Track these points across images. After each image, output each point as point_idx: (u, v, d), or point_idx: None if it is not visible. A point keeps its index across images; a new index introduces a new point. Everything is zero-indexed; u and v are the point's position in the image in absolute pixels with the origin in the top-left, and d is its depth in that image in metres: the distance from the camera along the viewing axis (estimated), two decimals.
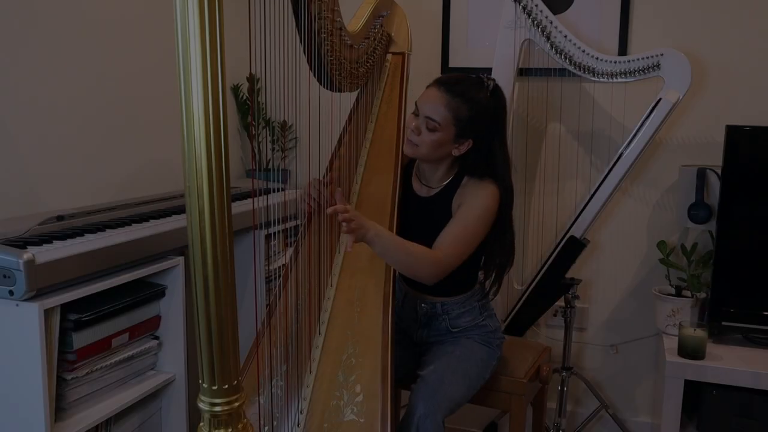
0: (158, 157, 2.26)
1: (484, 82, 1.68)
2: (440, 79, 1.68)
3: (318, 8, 1.54)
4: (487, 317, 1.81)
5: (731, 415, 2.02)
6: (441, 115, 1.63)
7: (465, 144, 1.67)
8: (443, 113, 1.62)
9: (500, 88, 1.70)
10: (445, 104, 1.62)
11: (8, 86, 1.73)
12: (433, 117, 1.63)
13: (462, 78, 1.68)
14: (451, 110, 1.62)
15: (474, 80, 1.68)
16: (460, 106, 1.62)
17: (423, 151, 1.68)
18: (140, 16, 2.15)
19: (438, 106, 1.63)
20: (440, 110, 1.63)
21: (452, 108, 1.62)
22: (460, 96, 1.63)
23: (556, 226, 2.48)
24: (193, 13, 0.88)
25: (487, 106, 1.65)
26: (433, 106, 1.64)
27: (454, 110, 1.62)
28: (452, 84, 1.65)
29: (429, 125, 1.64)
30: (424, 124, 1.65)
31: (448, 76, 1.70)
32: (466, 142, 1.67)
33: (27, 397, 1.42)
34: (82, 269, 1.50)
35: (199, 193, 0.93)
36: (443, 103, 1.63)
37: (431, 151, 1.68)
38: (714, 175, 2.17)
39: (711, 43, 2.28)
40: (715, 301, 2.13)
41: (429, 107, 1.64)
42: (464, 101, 1.63)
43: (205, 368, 1.01)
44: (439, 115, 1.63)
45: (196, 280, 0.97)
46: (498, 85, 1.70)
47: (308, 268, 1.70)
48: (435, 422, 1.53)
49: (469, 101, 1.63)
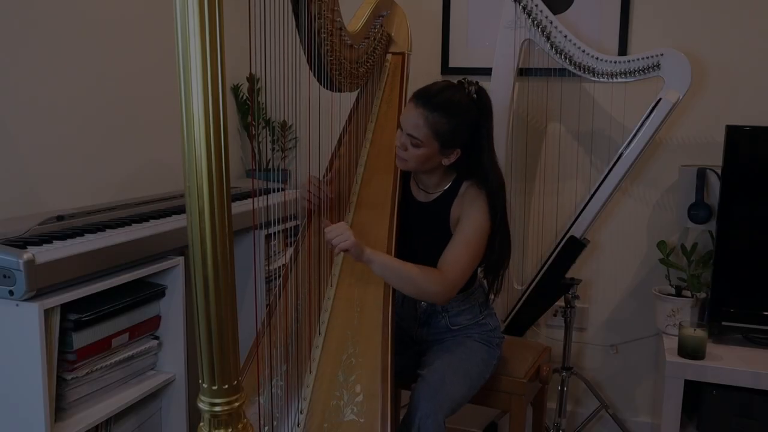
0: (158, 157, 2.26)
1: (464, 88, 1.64)
2: (418, 93, 1.64)
3: (318, 8, 1.54)
4: (487, 316, 1.82)
5: (731, 415, 2.02)
6: (421, 133, 1.61)
7: (453, 153, 1.66)
8: (423, 130, 1.60)
9: (484, 89, 1.67)
10: (424, 120, 1.60)
11: (8, 86, 1.73)
12: (414, 134, 1.61)
13: (441, 88, 1.64)
14: (430, 126, 1.60)
15: (454, 87, 1.65)
16: (439, 120, 1.59)
17: (412, 165, 1.68)
18: (140, 16, 2.15)
19: (417, 123, 1.60)
20: (420, 126, 1.60)
21: (431, 123, 1.60)
22: (439, 109, 1.59)
23: (556, 226, 2.48)
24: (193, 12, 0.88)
25: (469, 112, 1.63)
26: (412, 123, 1.61)
27: (433, 126, 1.60)
28: (430, 97, 1.61)
29: (412, 142, 1.63)
30: (407, 141, 1.64)
31: (426, 89, 1.65)
32: (454, 152, 1.66)
33: (27, 397, 1.42)
34: (82, 269, 1.50)
35: (199, 193, 0.93)
36: (422, 119, 1.60)
37: (420, 165, 1.67)
38: (714, 175, 2.17)
39: (711, 43, 2.28)
40: (715, 301, 2.13)
41: (409, 125, 1.62)
42: (443, 114, 1.59)
43: (205, 368, 1.01)
44: (420, 132, 1.61)
45: (196, 280, 0.97)
46: (482, 88, 1.66)
47: (308, 268, 1.70)
48: (436, 422, 1.53)
49: (449, 113, 1.60)
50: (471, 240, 1.63)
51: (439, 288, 1.60)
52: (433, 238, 1.70)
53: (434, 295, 1.63)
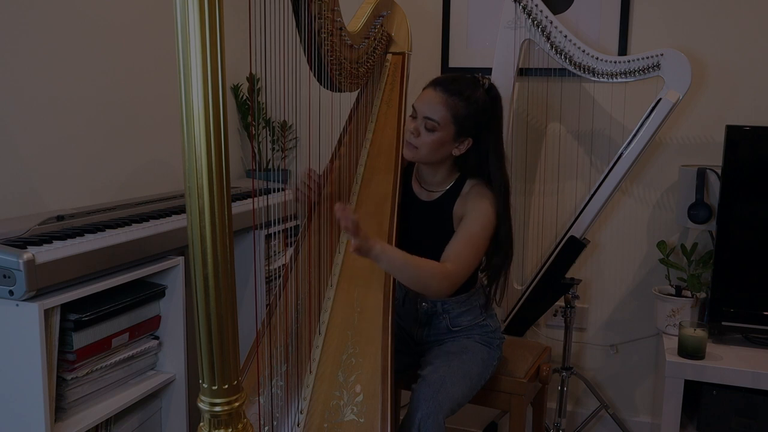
0: (158, 157, 2.26)
1: (479, 80, 1.68)
2: (436, 80, 1.69)
3: (318, 8, 1.54)
4: (488, 317, 1.82)
5: (731, 415, 2.02)
6: (439, 114, 1.63)
7: (465, 143, 1.67)
8: (442, 112, 1.63)
9: (495, 86, 1.70)
10: (443, 103, 1.63)
11: (8, 86, 1.73)
12: (432, 116, 1.63)
13: (457, 77, 1.68)
14: (449, 108, 1.63)
15: (469, 79, 1.68)
16: (458, 104, 1.63)
17: (423, 153, 1.68)
18: (140, 16, 2.15)
19: (436, 105, 1.63)
20: (438, 109, 1.63)
21: (450, 106, 1.63)
22: (457, 95, 1.63)
23: (556, 226, 2.48)
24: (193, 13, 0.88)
25: (484, 104, 1.66)
26: (431, 105, 1.64)
27: (452, 108, 1.63)
28: (448, 83, 1.65)
29: (428, 125, 1.64)
30: (422, 125, 1.65)
31: (443, 77, 1.70)
32: (465, 141, 1.67)
33: (27, 397, 1.42)
34: (82, 269, 1.50)
35: (199, 193, 0.93)
36: (441, 102, 1.63)
37: (432, 152, 1.67)
38: (714, 175, 2.17)
39: (711, 43, 2.28)
40: (715, 301, 2.13)
41: (427, 107, 1.64)
42: (461, 99, 1.63)
43: (205, 368, 1.01)
44: (438, 114, 1.63)
45: (196, 280, 0.97)
46: (493, 84, 1.70)
47: (308, 268, 1.70)
48: (436, 422, 1.53)
49: (467, 99, 1.63)
50: (474, 235, 1.63)
51: (440, 283, 1.59)
52: (436, 237, 1.70)
53: (435, 289, 1.61)
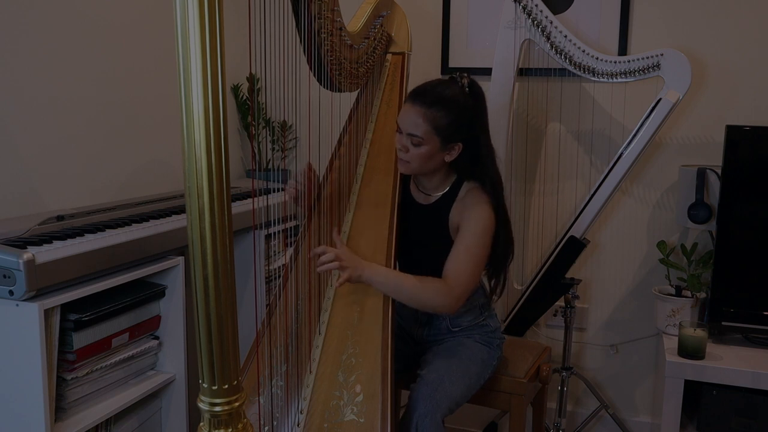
0: (158, 157, 2.26)
1: (457, 81, 1.65)
2: (413, 92, 1.65)
3: (318, 8, 1.54)
4: (488, 317, 1.81)
5: (731, 415, 2.02)
6: (421, 129, 1.60)
7: (455, 148, 1.66)
8: (423, 126, 1.60)
9: (475, 81, 1.67)
10: (423, 117, 1.60)
11: (8, 86, 1.73)
12: (414, 132, 1.61)
13: (434, 84, 1.65)
14: (430, 122, 1.60)
15: (446, 82, 1.66)
16: (437, 114, 1.60)
17: (415, 166, 1.66)
18: (140, 16, 2.15)
19: (416, 121, 1.60)
20: (419, 123, 1.60)
21: (430, 119, 1.60)
22: (435, 104, 1.60)
23: (556, 226, 2.48)
24: (193, 13, 0.88)
25: (466, 104, 1.63)
26: (411, 121, 1.61)
27: (432, 121, 1.60)
28: (425, 95, 1.62)
29: (413, 141, 1.62)
30: (408, 141, 1.64)
31: (420, 88, 1.66)
32: (455, 147, 1.65)
33: (27, 397, 1.42)
34: (82, 269, 1.50)
35: (199, 193, 0.93)
36: (420, 115, 1.60)
37: (423, 165, 1.66)
38: (714, 175, 2.17)
39: (711, 43, 2.28)
40: (715, 301, 2.13)
41: (408, 124, 1.62)
42: (440, 108, 1.60)
43: (205, 368, 1.01)
44: (420, 129, 1.60)
45: (196, 280, 0.97)
46: (474, 81, 1.67)
47: (308, 268, 1.70)
48: (434, 421, 1.53)
49: (446, 107, 1.60)
50: (473, 247, 1.62)
51: (444, 300, 1.59)
52: (432, 240, 1.70)
53: (440, 307, 1.62)
